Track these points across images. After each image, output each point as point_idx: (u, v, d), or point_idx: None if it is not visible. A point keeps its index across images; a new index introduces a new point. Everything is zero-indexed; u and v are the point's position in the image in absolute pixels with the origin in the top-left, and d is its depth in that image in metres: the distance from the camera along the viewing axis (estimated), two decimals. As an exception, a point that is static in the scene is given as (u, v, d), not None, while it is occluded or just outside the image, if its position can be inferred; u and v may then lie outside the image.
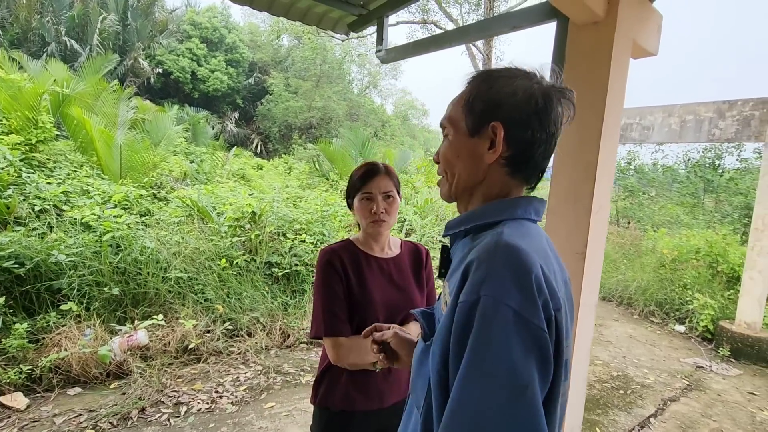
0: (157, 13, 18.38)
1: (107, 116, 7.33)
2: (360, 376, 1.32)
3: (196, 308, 3.72)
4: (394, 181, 1.37)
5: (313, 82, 21.99)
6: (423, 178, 9.42)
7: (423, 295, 1.44)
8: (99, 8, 16.00)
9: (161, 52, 18.05)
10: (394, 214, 1.36)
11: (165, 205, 5.18)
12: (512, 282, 0.57)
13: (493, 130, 0.70)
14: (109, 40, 16.01)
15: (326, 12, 3.05)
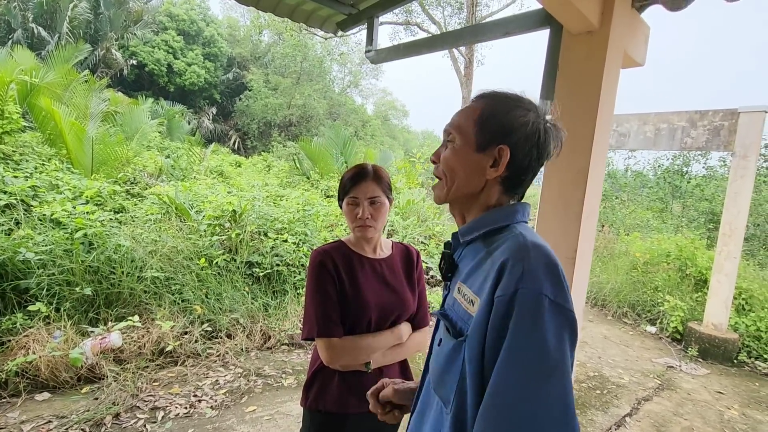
0: (131, 3, 17.75)
1: (78, 108, 7.03)
2: (352, 377, 1.32)
3: (173, 309, 3.60)
4: (383, 185, 1.36)
5: (293, 80, 21.73)
6: (404, 179, 9.45)
7: (415, 295, 1.44)
8: (69, -5, 15.33)
9: (135, 43, 17.47)
10: (381, 218, 1.35)
11: (140, 201, 5.00)
12: (545, 275, 0.65)
13: (500, 152, 0.78)
14: (79, 28, 15.37)
15: (315, 10, 3.01)
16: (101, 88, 9.89)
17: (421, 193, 8.20)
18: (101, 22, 16.31)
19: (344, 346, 1.27)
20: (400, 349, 1.38)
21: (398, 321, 1.37)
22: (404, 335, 1.37)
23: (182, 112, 16.08)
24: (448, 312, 0.80)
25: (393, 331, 1.35)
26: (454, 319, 0.77)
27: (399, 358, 1.39)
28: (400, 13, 13.08)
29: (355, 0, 2.85)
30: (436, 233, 7.00)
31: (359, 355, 1.29)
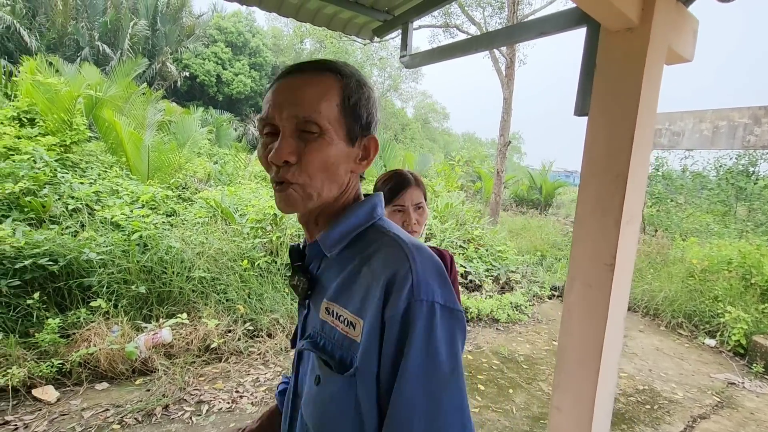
0: (184, 18, 18.89)
1: (136, 118, 7.58)
2: None
3: (218, 308, 3.78)
4: (423, 190, 1.39)
5: (334, 86, 22.16)
6: (443, 182, 9.38)
7: None
8: (130, 14, 16.56)
9: (188, 56, 18.54)
10: (424, 223, 1.38)
11: (189, 205, 5.30)
12: (434, 280, 0.61)
13: (369, 142, 0.71)
14: (139, 44, 16.54)
15: (351, 18, 3.07)
16: (157, 99, 10.57)
17: (459, 196, 8.10)
18: (158, 37, 17.47)
19: None
20: None
21: None
22: None
23: (230, 120, 16.87)
24: (319, 340, 0.67)
25: None
26: (329, 348, 0.65)
27: None
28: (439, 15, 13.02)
29: (390, 6, 2.88)
30: (475, 237, 6.89)
31: None
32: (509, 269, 6.62)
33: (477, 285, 6.01)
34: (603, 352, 1.66)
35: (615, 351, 1.72)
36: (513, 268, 6.74)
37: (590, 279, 1.65)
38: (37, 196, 4.02)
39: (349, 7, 2.84)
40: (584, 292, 1.67)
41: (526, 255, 7.89)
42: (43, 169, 4.38)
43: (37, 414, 2.60)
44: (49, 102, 5.50)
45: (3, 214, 3.67)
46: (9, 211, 3.73)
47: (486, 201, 13.31)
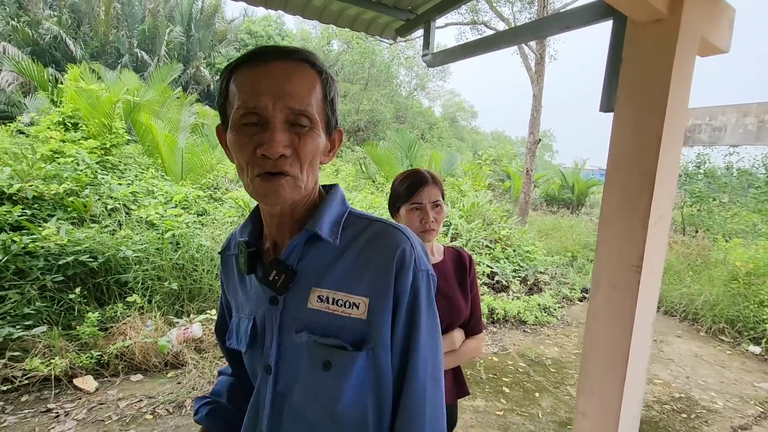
0: (217, 24, 19.50)
1: (171, 122, 7.88)
2: None
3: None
4: (441, 188, 1.38)
5: (361, 86, 22.33)
6: (470, 182, 9.26)
7: (467, 301, 1.43)
8: (167, 21, 17.25)
9: (220, 60, 19.12)
10: (441, 222, 1.37)
11: (220, 205, 5.47)
12: (423, 252, 0.74)
13: (336, 135, 0.76)
14: (174, 50, 17.20)
15: (374, 18, 3.09)
16: (190, 102, 10.96)
17: (486, 195, 7.98)
18: (192, 43, 18.10)
19: None
20: (452, 356, 1.37)
21: (451, 327, 1.37)
22: (457, 342, 1.37)
23: (260, 122, 17.26)
24: (317, 328, 0.69)
25: (445, 338, 1.35)
26: (334, 332, 0.68)
27: (451, 365, 1.39)
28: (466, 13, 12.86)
29: (412, 5, 2.88)
30: (502, 237, 6.77)
31: None
32: (537, 270, 6.46)
33: (504, 286, 5.91)
34: (630, 356, 1.60)
35: (643, 355, 1.66)
36: (542, 269, 6.58)
37: (616, 281, 1.59)
38: (79, 196, 4.25)
39: (372, 8, 2.86)
40: (610, 294, 1.61)
41: (556, 256, 7.68)
42: (85, 171, 4.63)
43: (77, 402, 2.75)
44: (91, 107, 5.80)
45: (48, 213, 3.91)
46: (54, 211, 3.96)
47: (515, 200, 13.04)
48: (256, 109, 0.63)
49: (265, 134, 0.63)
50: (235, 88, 0.65)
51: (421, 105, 26.75)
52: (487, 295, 5.40)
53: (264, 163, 0.64)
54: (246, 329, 0.77)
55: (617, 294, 1.56)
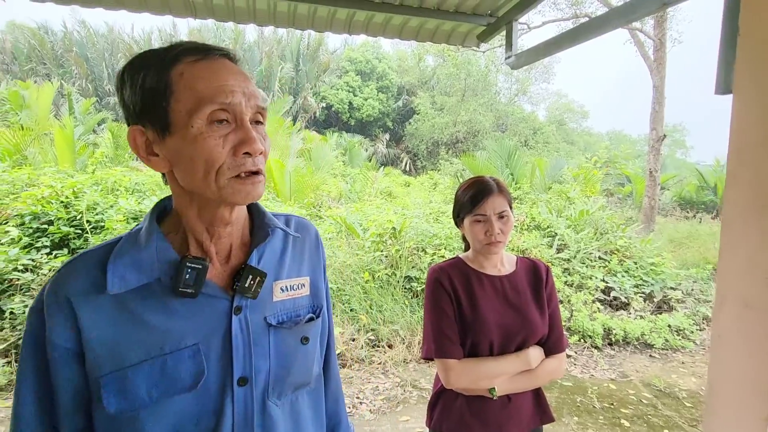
0: (321, 56, 21.26)
1: (281, 148, 8.75)
2: (476, 402, 1.26)
3: (343, 317, 4.05)
4: (507, 197, 1.29)
5: (458, 97, 22.18)
6: (579, 188, 8.48)
7: (544, 316, 1.29)
8: (279, 60, 19.37)
9: (324, 88, 20.74)
10: (509, 233, 1.27)
11: (321, 222, 5.85)
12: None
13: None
14: (285, 84, 19.19)
15: (454, 28, 3.06)
16: (297, 129, 12.05)
17: (597, 201, 7.21)
18: (300, 76, 20.00)
19: (463, 369, 1.22)
20: (530, 376, 1.25)
21: (525, 344, 1.26)
22: (533, 360, 1.25)
23: (360, 142, 18.23)
24: (289, 316, 0.77)
25: (519, 356, 1.24)
26: (303, 313, 0.79)
27: (530, 387, 1.27)
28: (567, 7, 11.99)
29: (492, 9, 2.78)
30: (620, 247, 6.02)
31: (480, 379, 1.22)
32: (666, 285, 5.58)
33: (623, 303, 5.22)
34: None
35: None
36: (672, 284, 5.67)
37: (747, 297, 1.30)
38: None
39: (450, 18, 2.83)
40: (739, 313, 1.32)
41: (693, 268, 6.56)
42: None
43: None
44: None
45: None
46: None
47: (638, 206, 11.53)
48: (230, 106, 0.61)
49: (239, 133, 0.62)
50: (185, 82, 0.60)
51: (522, 111, 25.51)
52: (601, 313, 4.82)
53: (244, 162, 0.62)
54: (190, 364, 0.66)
55: (749, 313, 1.27)
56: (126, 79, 0.62)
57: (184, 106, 0.59)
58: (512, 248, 5.32)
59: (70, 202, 4.36)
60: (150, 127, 0.62)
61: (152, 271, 0.66)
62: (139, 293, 0.65)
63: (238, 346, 0.69)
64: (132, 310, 0.65)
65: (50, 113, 9.28)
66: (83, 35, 18.64)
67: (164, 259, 0.67)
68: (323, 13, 2.76)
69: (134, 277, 0.65)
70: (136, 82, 0.61)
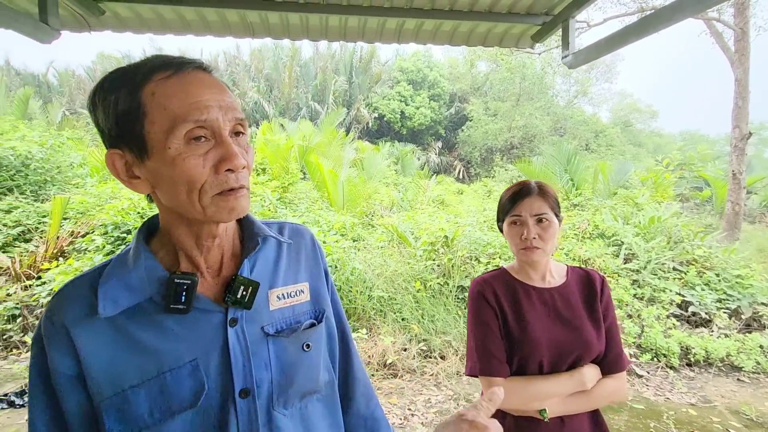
0: (373, 68, 21.65)
1: (335, 159, 8.98)
2: (525, 423, 1.17)
3: (394, 326, 4.03)
4: (550, 202, 1.19)
5: (512, 102, 21.57)
6: (648, 193, 7.85)
7: (600, 332, 1.18)
8: (333, 74, 20.00)
9: (376, 99, 21.07)
10: (550, 239, 1.17)
11: (373, 231, 5.89)
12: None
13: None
14: (339, 97, 19.74)
15: (507, 30, 2.97)
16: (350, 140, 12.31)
17: (669, 207, 6.63)
18: (353, 88, 20.48)
19: (510, 388, 1.13)
20: (585, 397, 1.15)
21: (579, 363, 1.16)
22: (588, 381, 1.14)
23: (412, 151, 18.24)
24: (287, 324, 0.75)
25: (572, 375, 1.14)
26: (302, 320, 0.77)
27: (585, 408, 1.16)
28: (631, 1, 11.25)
29: (548, 7, 2.67)
30: (698, 258, 5.47)
31: (529, 400, 1.13)
32: (756, 300, 4.97)
33: (703, 319, 4.72)
34: None
35: None
36: (764, 300, 5.03)
37: None
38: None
39: (503, 20, 2.76)
40: None
41: (788, 282, 5.79)
42: (268, 206, 5.60)
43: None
44: (274, 154, 7.06)
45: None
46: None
47: (719, 212, 10.44)
48: (207, 122, 0.59)
49: (219, 149, 0.60)
50: (156, 101, 0.58)
51: (583, 113, 24.26)
52: (677, 330, 4.39)
53: (227, 179, 0.61)
54: (190, 381, 0.65)
55: None
56: (98, 102, 0.60)
57: (160, 127, 0.57)
58: (573, 258, 5.02)
59: (145, 213, 4.76)
60: (128, 150, 0.60)
61: (143, 291, 0.66)
62: (132, 314, 0.65)
63: (237, 358, 0.68)
64: (127, 331, 0.64)
65: (130, 133, 10.26)
66: (159, 61, 20.48)
67: (154, 277, 0.66)
68: (373, 24, 2.79)
69: (125, 299, 0.65)
70: (108, 105, 0.59)
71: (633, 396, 3.34)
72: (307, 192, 7.43)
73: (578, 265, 4.80)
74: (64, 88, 19.27)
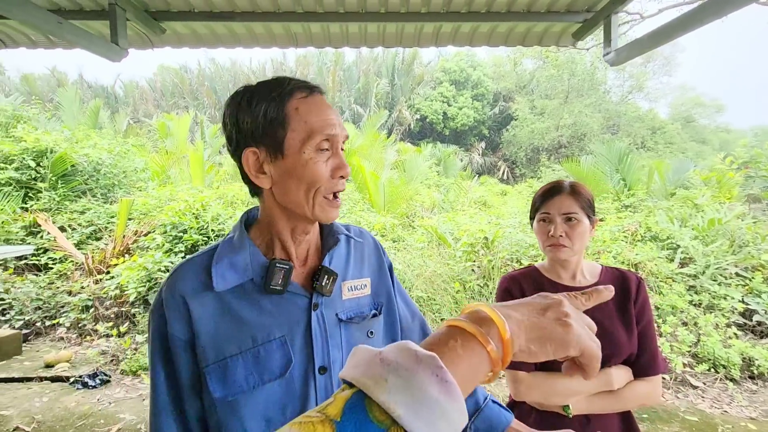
0: (416, 69, 21.69)
1: (376, 161, 9.11)
2: (550, 418, 1.19)
3: (433, 326, 4.05)
4: (582, 202, 1.19)
5: (560, 100, 20.82)
6: (709, 193, 7.31)
7: (631, 333, 1.18)
8: (375, 76, 20.24)
9: (419, 101, 21.09)
10: (578, 239, 1.18)
11: (413, 232, 5.94)
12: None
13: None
14: (381, 100, 19.95)
15: (547, 28, 2.93)
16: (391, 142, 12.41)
17: (733, 209, 6.15)
18: (395, 90, 20.62)
19: (532, 382, 1.17)
20: (613, 397, 1.15)
21: (607, 363, 1.16)
22: (615, 381, 1.14)
23: (455, 152, 18.06)
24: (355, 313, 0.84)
25: (599, 375, 1.14)
26: (367, 311, 0.87)
27: (612, 409, 1.16)
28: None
29: (590, 4, 2.61)
30: (765, 263, 5.04)
31: (552, 395, 1.15)
32: (835, 311, 4.51)
33: (770, 329, 4.35)
34: None
35: None
36: None
37: None
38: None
39: (542, 19, 2.73)
40: None
41: None
42: (312, 208, 5.78)
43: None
44: (318, 157, 7.28)
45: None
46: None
47: (794, 213, 9.50)
48: (331, 137, 0.74)
49: (335, 159, 0.75)
50: (299, 115, 0.72)
51: (638, 108, 22.92)
52: (739, 340, 4.08)
53: (337, 183, 0.75)
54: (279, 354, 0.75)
55: None
56: (243, 106, 0.73)
57: (298, 136, 0.72)
58: (622, 261, 4.80)
59: (200, 213, 5.10)
60: (264, 149, 0.73)
61: (246, 273, 0.77)
62: (235, 292, 0.76)
63: (317, 339, 0.78)
64: (230, 306, 0.75)
65: (187, 139, 10.94)
66: (212, 71, 21.66)
67: (256, 262, 0.78)
68: (411, 29, 2.86)
69: (233, 278, 0.76)
70: (257, 111, 0.72)
71: (686, 407, 3.17)
72: (350, 194, 7.59)
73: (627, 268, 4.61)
74: (129, 99, 20.90)
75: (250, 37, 2.79)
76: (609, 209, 7.17)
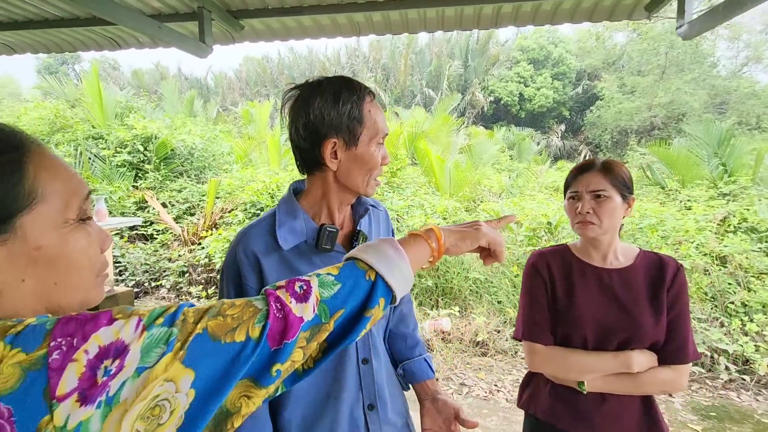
0: (491, 49, 20.86)
1: (444, 145, 9.08)
2: (565, 392, 1.24)
3: (489, 308, 4.10)
4: (613, 179, 1.19)
5: (655, 76, 18.77)
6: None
7: (659, 319, 1.17)
8: (448, 58, 19.85)
9: (493, 82, 20.33)
10: (606, 217, 1.18)
11: (477, 216, 5.92)
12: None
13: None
14: (454, 82, 19.55)
15: (617, 2, 2.78)
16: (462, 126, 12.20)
17: None
18: (468, 72, 20.07)
19: (548, 355, 1.22)
20: (631, 380, 1.16)
21: (628, 345, 1.17)
22: (635, 364, 1.14)
23: (531, 135, 17.23)
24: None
25: (617, 356, 1.16)
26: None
27: (628, 391, 1.18)
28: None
29: (663, -28, 2.44)
30: None
31: (567, 369, 1.20)
32: None
33: None
34: None
35: None
36: None
37: None
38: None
39: (610, -8, 2.60)
40: None
41: None
42: (377, 190, 6.03)
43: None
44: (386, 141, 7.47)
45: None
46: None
47: None
48: (385, 135, 0.95)
49: (382, 150, 0.96)
50: (371, 116, 0.91)
51: (753, 84, 19.87)
52: None
53: (382, 169, 0.98)
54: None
55: None
56: (330, 102, 0.88)
57: (368, 131, 0.91)
58: (706, 253, 4.39)
59: (275, 193, 5.58)
60: (341, 139, 0.89)
61: (302, 235, 0.95)
62: (294, 251, 0.94)
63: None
64: (290, 263, 0.94)
65: (267, 125, 11.78)
66: (290, 60, 22.78)
67: (309, 226, 0.96)
68: (469, 11, 2.87)
69: (292, 239, 0.94)
70: (343, 109, 0.88)
71: (764, 410, 2.91)
72: (415, 177, 7.71)
73: (711, 261, 4.20)
74: (218, 89, 22.82)
75: (317, 29, 3.01)
76: (700, 197, 6.49)
